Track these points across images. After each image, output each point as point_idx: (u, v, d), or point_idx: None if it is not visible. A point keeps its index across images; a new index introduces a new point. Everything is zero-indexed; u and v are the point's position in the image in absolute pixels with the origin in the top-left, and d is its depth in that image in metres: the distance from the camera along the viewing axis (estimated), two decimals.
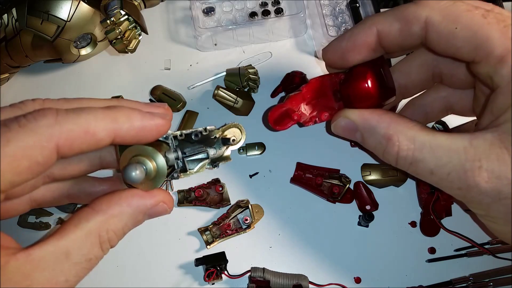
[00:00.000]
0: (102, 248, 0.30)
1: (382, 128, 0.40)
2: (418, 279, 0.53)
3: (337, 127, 0.44)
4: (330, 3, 0.63)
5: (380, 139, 0.40)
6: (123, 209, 0.31)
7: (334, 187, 0.54)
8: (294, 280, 0.50)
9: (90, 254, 0.29)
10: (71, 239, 0.29)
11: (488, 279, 0.51)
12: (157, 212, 0.34)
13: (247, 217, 0.54)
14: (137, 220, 0.33)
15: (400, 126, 0.39)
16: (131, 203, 0.32)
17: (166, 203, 0.34)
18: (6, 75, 0.58)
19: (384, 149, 0.40)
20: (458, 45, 0.36)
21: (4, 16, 0.52)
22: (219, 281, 0.52)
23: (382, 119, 0.40)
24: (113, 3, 0.51)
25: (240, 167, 0.57)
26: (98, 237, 0.30)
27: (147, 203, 0.32)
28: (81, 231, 0.29)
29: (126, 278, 0.53)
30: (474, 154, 0.34)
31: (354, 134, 0.43)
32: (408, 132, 0.38)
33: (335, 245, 0.54)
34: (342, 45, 0.42)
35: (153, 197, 0.33)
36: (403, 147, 0.38)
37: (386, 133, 0.39)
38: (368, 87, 0.42)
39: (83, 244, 0.29)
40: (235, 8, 0.63)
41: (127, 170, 0.30)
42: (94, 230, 0.30)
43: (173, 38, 0.64)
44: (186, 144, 0.37)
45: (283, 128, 0.47)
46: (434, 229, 0.54)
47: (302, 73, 0.59)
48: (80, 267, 0.29)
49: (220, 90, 0.58)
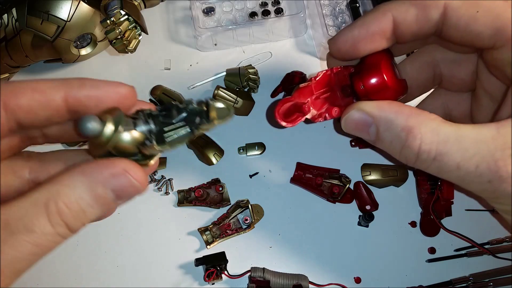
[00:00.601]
0: (50, 221, 0.26)
1: (402, 119, 0.36)
2: (418, 279, 0.53)
3: (349, 121, 0.39)
4: (330, 3, 0.63)
5: (398, 132, 0.36)
6: (75, 177, 0.27)
7: (334, 187, 0.54)
8: (294, 280, 0.50)
9: (33, 224, 0.25)
10: (14, 207, 0.26)
11: (488, 279, 0.51)
12: (122, 186, 0.28)
13: (247, 217, 0.54)
14: (97, 194, 0.27)
15: (421, 117, 0.35)
16: (85, 170, 0.27)
17: (130, 173, 0.28)
18: (6, 75, 0.58)
19: (404, 143, 0.36)
20: (479, 30, 0.35)
21: (4, 16, 0.52)
22: (219, 281, 0.52)
23: (401, 111, 0.36)
24: (113, 3, 0.51)
25: (240, 167, 0.57)
26: (44, 206, 0.26)
27: (104, 171, 0.27)
28: (26, 200, 0.26)
29: (126, 278, 0.53)
30: (503, 143, 0.32)
31: (368, 130, 0.38)
32: (431, 123, 0.35)
33: (335, 245, 0.54)
34: (354, 33, 0.39)
35: (113, 164, 0.28)
36: (426, 139, 0.34)
37: (406, 125, 0.35)
38: (383, 77, 0.39)
39: (26, 213, 0.25)
40: (235, 8, 0.63)
41: (82, 120, 0.26)
42: (41, 199, 0.26)
43: (173, 38, 0.64)
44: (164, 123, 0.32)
45: (292, 124, 0.42)
46: (434, 229, 0.54)
47: (302, 73, 0.59)
48: (19, 239, 0.25)
49: (220, 90, 0.58)
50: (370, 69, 0.40)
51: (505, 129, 0.33)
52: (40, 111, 0.29)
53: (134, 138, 0.29)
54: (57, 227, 0.26)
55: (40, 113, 0.29)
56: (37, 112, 0.29)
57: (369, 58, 0.41)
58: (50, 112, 0.29)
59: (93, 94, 0.30)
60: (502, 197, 0.34)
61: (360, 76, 0.40)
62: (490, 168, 0.33)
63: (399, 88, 0.40)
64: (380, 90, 0.40)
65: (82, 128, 0.26)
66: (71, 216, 0.27)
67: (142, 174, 0.29)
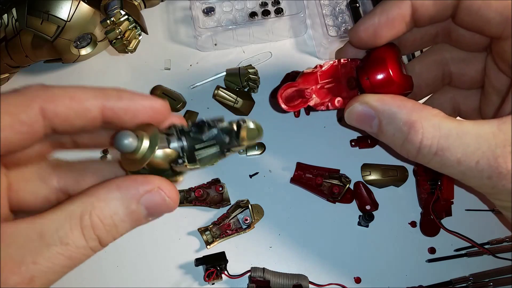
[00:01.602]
0: (83, 234, 0.26)
1: (404, 113, 0.36)
2: (418, 279, 0.53)
3: (352, 113, 0.40)
4: (330, 3, 0.63)
5: (401, 126, 0.36)
6: (111, 192, 0.27)
7: (334, 187, 0.54)
8: (294, 280, 0.50)
9: (67, 238, 0.25)
10: (49, 218, 0.26)
11: (488, 279, 0.51)
12: (155, 203, 0.29)
13: (247, 217, 0.54)
14: (131, 210, 0.28)
15: (423, 112, 0.36)
16: (121, 185, 0.28)
17: (164, 191, 0.29)
18: (6, 75, 0.58)
19: (405, 137, 0.36)
20: (490, 16, 0.35)
21: (4, 16, 0.52)
22: (219, 281, 0.52)
23: (404, 105, 0.37)
24: (113, 3, 0.51)
25: (240, 167, 0.57)
26: (79, 220, 0.26)
27: (139, 187, 0.28)
28: (61, 212, 0.26)
29: (126, 278, 0.53)
30: (504, 139, 0.33)
31: (371, 123, 0.39)
32: (433, 119, 0.35)
33: (335, 245, 0.54)
34: (375, 21, 0.40)
35: (148, 181, 0.28)
36: (428, 134, 0.35)
37: (408, 119, 0.36)
38: (389, 71, 0.40)
39: (61, 226, 0.25)
40: (235, 8, 0.63)
41: (119, 135, 0.27)
42: (76, 212, 0.26)
43: (173, 38, 0.64)
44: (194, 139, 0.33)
45: (294, 109, 0.43)
46: (434, 229, 0.54)
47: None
48: (53, 251, 0.25)
49: (220, 90, 0.58)
50: (376, 62, 0.40)
51: (506, 126, 0.33)
52: (76, 120, 0.29)
53: (168, 156, 0.29)
54: (90, 241, 0.26)
55: (75, 122, 0.29)
56: (73, 121, 0.29)
57: (376, 52, 0.41)
58: (85, 121, 0.29)
59: (130, 107, 0.30)
60: (501, 193, 0.34)
61: (365, 69, 0.41)
62: (490, 164, 0.33)
63: (404, 83, 0.40)
64: (385, 84, 0.40)
65: (118, 144, 0.27)
66: (104, 231, 0.27)
67: (175, 192, 0.29)
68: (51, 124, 0.28)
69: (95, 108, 0.29)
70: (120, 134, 0.27)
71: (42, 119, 0.27)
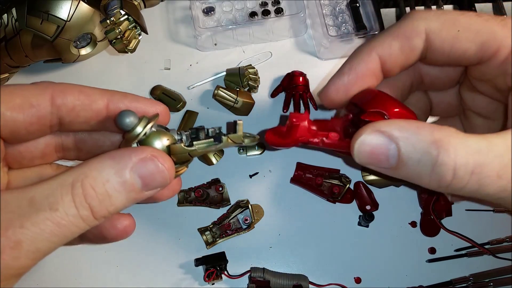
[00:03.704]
0: (74, 201, 0.26)
1: (427, 134, 0.31)
2: (418, 279, 0.53)
3: (364, 146, 0.33)
4: (330, 3, 0.63)
5: (427, 148, 0.31)
6: (104, 161, 0.27)
7: (334, 187, 0.54)
8: (294, 280, 0.50)
9: (57, 204, 0.25)
10: (40, 186, 0.26)
11: (488, 279, 0.51)
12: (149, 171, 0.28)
13: (247, 217, 0.54)
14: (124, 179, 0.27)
15: (445, 130, 0.31)
16: (114, 155, 0.27)
17: (158, 159, 0.28)
18: (6, 75, 0.58)
19: (435, 161, 0.31)
20: (464, 48, 0.35)
21: (4, 16, 0.52)
22: (219, 281, 0.52)
23: (422, 126, 0.32)
24: (113, 3, 0.51)
25: (240, 167, 0.57)
26: (70, 187, 0.26)
27: (132, 155, 0.27)
28: (54, 181, 0.26)
29: (126, 278, 0.53)
30: None
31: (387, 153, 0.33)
32: (458, 135, 0.31)
33: (335, 245, 0.54)
34: (344, 80, 0.39)
35: (141, 149, 0.28)
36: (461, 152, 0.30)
37: (434, 139, 0.30)
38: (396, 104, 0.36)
39: (52, 193, 0.26)
40: (235, 8, 0.63)
41: (121, 113, 0.28)
42: (68, 180, 0.26)
43: (173, 38, 0.64)
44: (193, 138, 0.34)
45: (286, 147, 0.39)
46: (434, 229, 0.54)
47: (302, 73, 0.59)
48: (41, 216, 0.25)
49: (220, 90, 0.58)
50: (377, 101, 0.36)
51: None
52: (82, 111, 0.31)
53: (166, 136, 0.30)
54: (81, 209, 0.26)
55: (81, 114, 0.32)
56: (79, 113, 0.32)
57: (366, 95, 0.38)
58: (90, 114, 0.32)
59: (133, 106, 0.33)
60: None
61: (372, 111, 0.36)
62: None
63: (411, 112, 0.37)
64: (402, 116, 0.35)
65: (120, 121, 0.29)
66: (96, 199, 0.26)
67: (170, 162, 0.29)
68: (58, 113, 0.31)
69: (101, 102, 0.32)
70: (123, 112, 0.29)
71: (50, 105, 0.30)
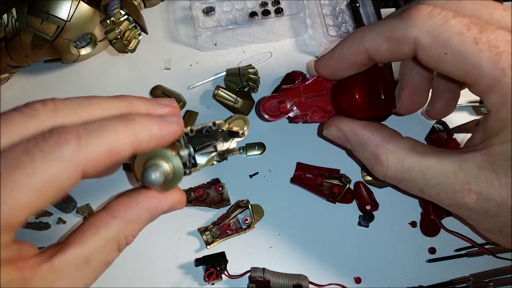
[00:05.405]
0: (119, 251, 0.31)
1: (372, 146, 0.41)
2: (418, 279, 0.53)
3: (329, 134, 0.46)
4: (330, 3, 0.63)
5: (369, 156, 0.42)
6: (141, 214, 0.31)
7: (334, 187, 0.54)
8: (294, 280, 0.50)
9: (108, 258, 0.30)
10: (90, 247, 0.29)
11: (488, 279, 0.51)
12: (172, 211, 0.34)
13: (247, 217, 0.54)
14: (153, 220, 0.33)
15: (390, 145, 0.40)
16: (149, 207, 0.32)
17: (181, 203, 0.34)
18: (6, 75, 0.58)
19: (373, 166, 0.42)
20: (448, 69, 0.36)
21: (4, 16, 0.52)
22: (219, 281, 0.52)
23: (373, 136, 0.42)
24: (113, 3, 0.51)
25: (240, 167, 0.57)
26: (116, 243, 0.30)
27: (164, 206, 0.32)
28: (100, 239, 0.29)
29: (126, 278, 0.53)
30: (463, 177, 0.36)
31: (345, 144, 0.45)
32: (398, 152, 0.40)
33: (335, 245, 0.54)
34: (332, 63, 0.43)
35: (170, 198, 0.33)
36: (392, 168, 0.40)
37: (375, 153, 0.41)
38: (355, 97, 0.41)
39: (102, 251, 0.30)
40: (235, 8, 0.63)
41: (147, 173, 0.30)
42: (113, 237, 0.30)
43: (173, 38, 0.64)
44: (195, 139, 0.37)
45: (274, 118, 0.48)
46: (434, 229, 0.54)
47: (302, 73, 0.59)
48: (98, 271, 0.30)
49: (220, 90, 0.58)
50: (343, 91, 0.43)
51: (467, 165, 0.36)
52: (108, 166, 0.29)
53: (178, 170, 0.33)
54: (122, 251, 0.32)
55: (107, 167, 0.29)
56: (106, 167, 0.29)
57: (344, 81, 0.43)
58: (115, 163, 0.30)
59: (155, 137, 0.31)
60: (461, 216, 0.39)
61: (336, 92, 0.43)
62: (449, 197, 0.37)
63: (377, 107, 0.42)
64: (354, 111, 0.43)
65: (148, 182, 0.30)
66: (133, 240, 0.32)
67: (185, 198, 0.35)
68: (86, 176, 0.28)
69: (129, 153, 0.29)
70: (147, 172, 0.30)
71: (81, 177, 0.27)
